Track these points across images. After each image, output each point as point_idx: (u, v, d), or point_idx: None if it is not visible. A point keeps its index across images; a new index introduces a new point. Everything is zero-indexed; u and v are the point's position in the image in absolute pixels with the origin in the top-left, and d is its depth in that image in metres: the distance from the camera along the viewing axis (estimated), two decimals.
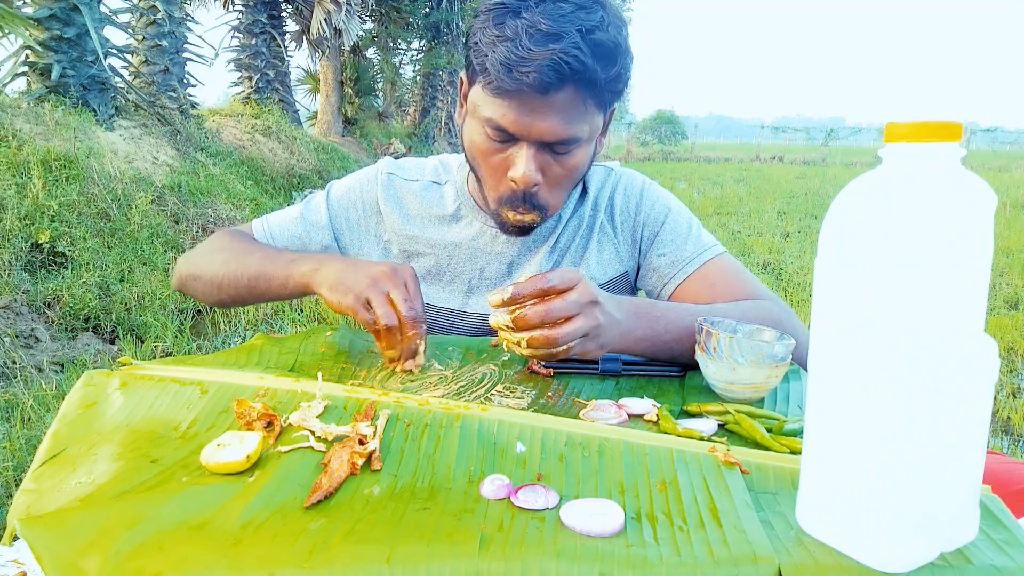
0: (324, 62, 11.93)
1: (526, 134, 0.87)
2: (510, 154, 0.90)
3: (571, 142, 0.89)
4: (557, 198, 0.95)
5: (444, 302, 1.07)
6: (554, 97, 0.84)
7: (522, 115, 0.86)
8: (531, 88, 0.82)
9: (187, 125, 6.84)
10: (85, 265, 3.86)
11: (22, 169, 4.25)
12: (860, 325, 0.45)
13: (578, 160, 0.92)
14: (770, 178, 15.35)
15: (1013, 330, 4.00)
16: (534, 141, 0.88)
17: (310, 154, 8.66)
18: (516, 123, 0.86)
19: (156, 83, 7.28)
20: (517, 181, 0.90)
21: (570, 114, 0.86)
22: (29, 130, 4.71)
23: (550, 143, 0.88)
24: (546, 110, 0.85)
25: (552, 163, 0.91)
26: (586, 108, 0.87)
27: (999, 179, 14.52)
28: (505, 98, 0.85)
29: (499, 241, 1.04)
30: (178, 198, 5.31)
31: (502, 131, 0.88)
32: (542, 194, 0.92)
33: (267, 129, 8.54)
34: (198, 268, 1.02)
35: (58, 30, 5.47)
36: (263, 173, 7.53)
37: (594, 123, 0.91)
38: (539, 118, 0.86)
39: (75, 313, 3.47)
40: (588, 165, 0.96)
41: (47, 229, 3.88)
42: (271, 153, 8.14)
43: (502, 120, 0.87)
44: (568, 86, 0.84)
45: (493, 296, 0.75)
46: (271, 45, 10.49)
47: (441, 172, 1.10)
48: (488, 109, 0.88)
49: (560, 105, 0.85)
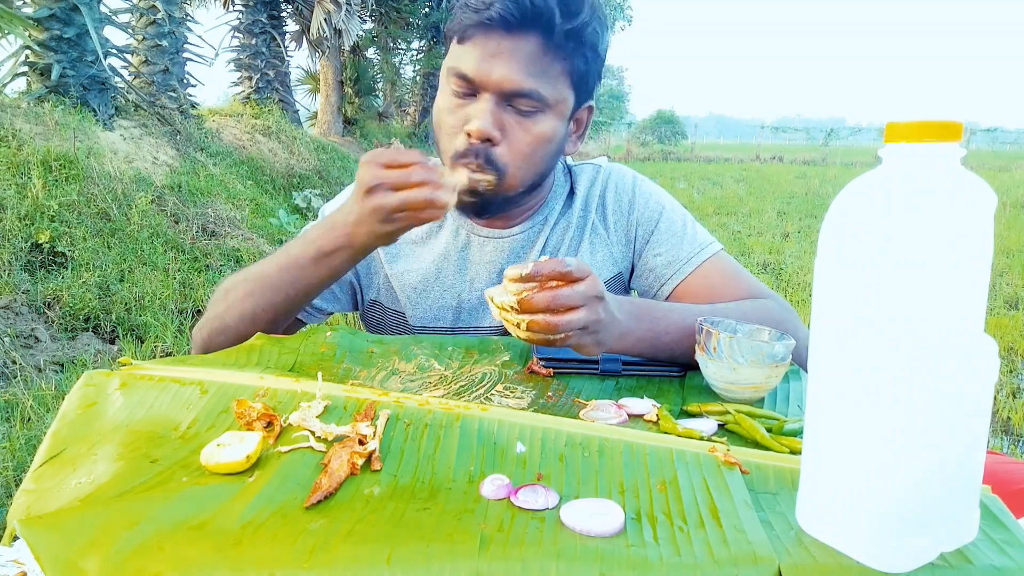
0: (324, 62, 11.93)
1: (486, 79, 0.87)
2: (469, 111, 0.90)
3: (532, 96, 0.88)
4: (516, 165, 0.91)
5: (434, 321, 1.05)
6: (516, 41, 0.86)
7: (483, 60, 0.87)
8: (492, 23, 0.85)
9: (187, 125, 6.84)
10: (85, 265, 3.85)
11: (22, 169, 4.25)
12: (860, 325, 0.45)
13: (541, 129, 0.91)
14: (770, 178, 15.35)
15: (1013, 330, 4.00)
16: (493, 91, 0.88)
17: (310, 154, 8.66)
18: (477, 68, 0.87)
19: (156, 83, 7.28)
20: (472, 133, 0.88)
21: (531, 66, 0.87)
22: (29, 130, 4.71)
23: (509, 94, 0.88)
24: (507, 55, 0.87)
25: (514, 125, 0.90)
26: (548, 64, 0.88)
27: (999, 179, 14.51)
28: (469, 43, 0.88)
29: (487, 249, 1.03)
30: (178, 198, 5.31)
31: (464, 79, 0.89)
32: (499, 155, 0.90)
33: (267, 129, 8.54)
34: (220, 322, 0.92)
35: (58, 30, 5.47)
36: (263, 173, 7.52)
37: (560, 91, 0.91)
38: (499, 63, 0.87)
39: (75, 313, 3.47)
40: (556, 146, 0.95)
41: (47, 229, 3.88)
42: (271, 153, 8.14)
43: (465, 66, 0.88)
44: (530, 32, 0.86)
45: (511, 270, 0.73)
46: (271, 45, 10.49)
47: None
48: (454, 59, 0.90)
49: (521, 52, 0.87)
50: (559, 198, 1.06)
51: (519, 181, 0.93)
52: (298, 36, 11.24)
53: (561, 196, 1.06)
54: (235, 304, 0.90)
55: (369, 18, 13.42)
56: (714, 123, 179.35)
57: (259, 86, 10.29)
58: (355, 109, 13.23)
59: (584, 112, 0.99)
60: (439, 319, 1.05)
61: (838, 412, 0.47)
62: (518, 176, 0.93)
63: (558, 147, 0.96)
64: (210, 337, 0.93)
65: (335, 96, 12.06)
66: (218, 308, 0.93)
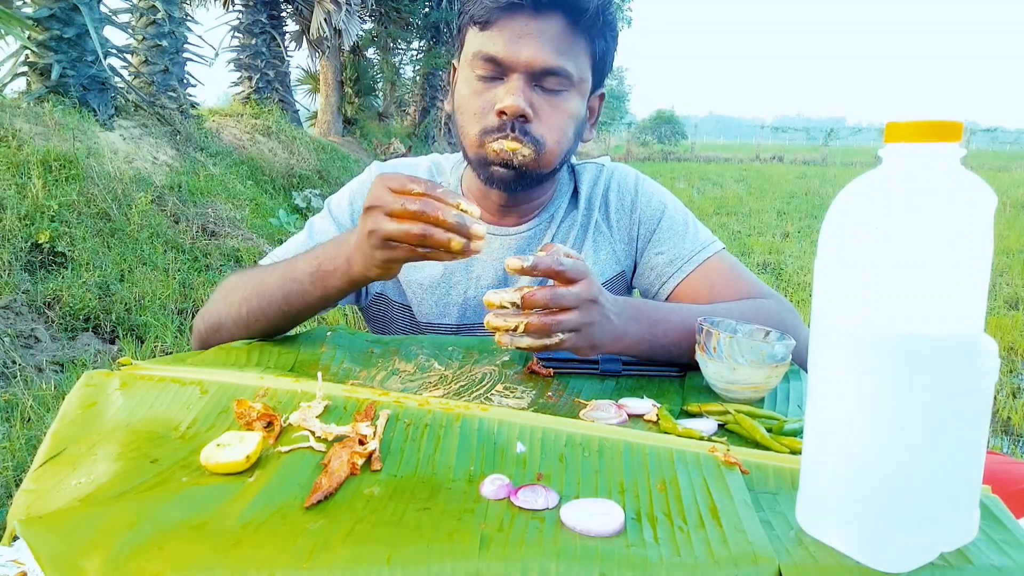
0: (324, 62, 11.93)
1: (515, 61, 0.88)
2: (497, 93, 0.90)
3: (561, 74, 0.89)
4: (552, 139, 0.91)
5: (440, 317, 1.05)
6: (543, 22, 0.87)
7: (511, 41, 0.88)
8: (521, 5, 0.86)
9: (187, 125, 6.84)
10: (85, 265, 3.85)
11: (22, 169, 4.25)
12: (860, 325, 0.45)
13: (569, 107, 0.92)
14: (770, 178, 15.35)
15: (1013, 330, 4.00)
16: (523, 71, 0.89)
17: (310, 154, 8.66)
18: (506, 49, 0.88)
19: (156, 83, 7.27)
20: (506, 110, 0.88)
21: (559, 44, 0.88)
22: (29, 130, 4.71)
23: (539, 73, 0.89)
24: (535, 36, 0.87)
25: (543, 103, 0.90)
26: (574, 43, 0.89)
27: (999, 179, 14.51)
28: (495, 27, 0.88)
29: (493, 246, 1.03)
30: (178, 198, 5.31)
31: (492, 62, 0.89)
32: (535, 129, 0.90)
33: (267, 129, 8.53)
34: (217, 318, 0.91)
35: (58, 30, 5.46)
36: (263, 173, 7.52)
37: (583, 70, 0.92)
38: (527, 43, 0.87)
39: (75, 313, 3.46)
40: (579, 126, 0.96)
41: (47, 229, 3.88)
42: (271, 153, 8.14)
43: (492, 49, 0.89)
44: (555, 13, 0.87)
45: (513, 261, 0.72)
46: (271, 45, 10.48)
47: (434, 172, 1.09)
48: (478, 44, 0.90)
49: (549, 32, 0.88)
50: (564, 196, 1.06)
51: (555, 156, 0.94)
52: (298, 36, 11.24)
53: (566, 194, 1.07)
54: (233, 307, 0.89)
55: (369, 18, 13.41)
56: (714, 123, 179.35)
57: (259, 86, 10.29)
58: (355, 109, 13.23)
59: (596, 100, 1.01)
60: (445, 315, 1.05)
61: (838, 412, 0.47)
62: (554, 151, 0.93)
63: (580, 128, 0.97)
64: (207, 332, 0.92)
65: (335, 96, 12.06)
66: (218, 306, 0.91)
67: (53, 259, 3.85)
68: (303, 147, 8.66)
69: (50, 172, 4.39)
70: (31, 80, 5.61)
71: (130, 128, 6.10)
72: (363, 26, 12.28)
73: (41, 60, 5.51)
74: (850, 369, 0.45)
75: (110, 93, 6.03)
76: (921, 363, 0.43)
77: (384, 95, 14.96)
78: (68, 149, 4.66)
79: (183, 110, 7.15)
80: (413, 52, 15.72)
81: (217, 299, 0.93)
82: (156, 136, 6.29)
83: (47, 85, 5.51)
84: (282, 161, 8.09)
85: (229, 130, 8.04)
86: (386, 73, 14.71)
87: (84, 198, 4.42)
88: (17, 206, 3.91)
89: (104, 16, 6.02)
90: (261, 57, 10.33)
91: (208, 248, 4.85)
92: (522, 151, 0.90)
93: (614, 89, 36.71)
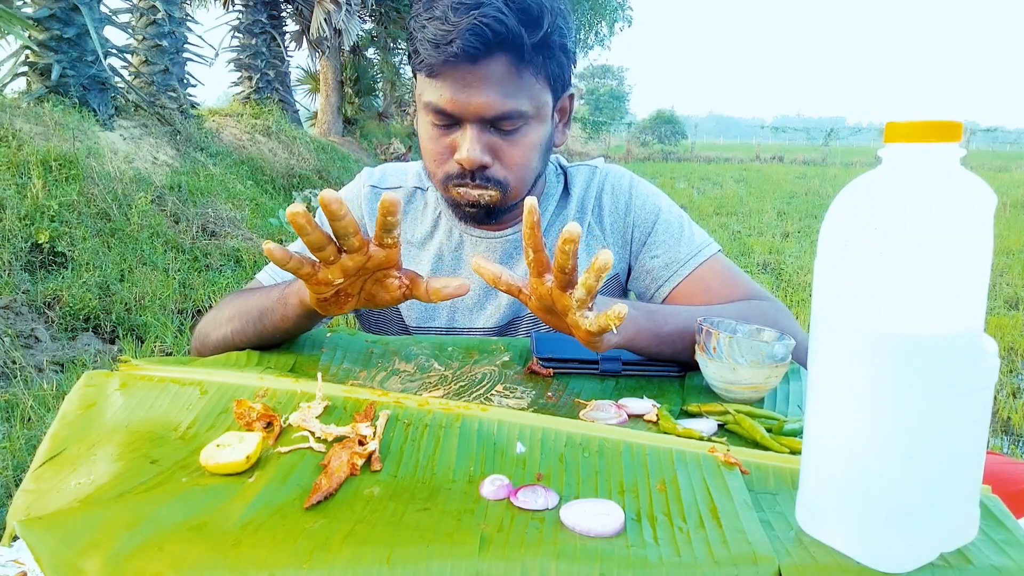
0: (324, 62, 11.93)
1: (464, 111, 0.87)
2: (454, 139, 0.90)
3: (514, 116, 0.88)
4: (515, 177, 0.92)
5: (428, 320, 1.05)
6: (486, 68, 0.85)
7: (457, 92, 0.86)
8: (458, 59, 0.83)
9: (187, 125, 6.84)
10: (85, 265, 3.85)
11: (22, 169, 4.25)
12: (860, 325, 0.45)
13: (530, 140, 0.91)
14: (770, 178, 15.35)
15: (1013, 330, 4.00)
16: (474, 120, 0.87)
17: (310, 154, 8.66)
18: (452, 101, 0.86)
19: (156, 83, 7.28)
20: (463, 163, 0.88)
21: (506, 87, 0.86)
22: (29, 130, 4.71)
23: (491, 119, 0.88)
24: (480, 84, 0.85)
25: (501, 144, 0.90)
26: (522, 80, 0.87)
27: (999, 179, 14.52)
28: (439, 78, 0.86)
29: (480, 249, 1.03)
30: (178, 198, 5.31)
31: (442, 113, 0.88)
32: (496, 171, 0.91)
33: (267, 129, 8.54)
34: (205, 335, 0.93)
35: (58, 30, 5.47)
36: (263, 173, 7.53)
37: (539, 98, 0.90)
38: (474, 93, 0.85)
39: (75, 313, 3.47)
40: (546, 145, 0.95)
41: (47, 229, 3.88)
42: (271, 153, 8.14)
43: (439, 101, 0.87)
44: (497, 55, 0.84)
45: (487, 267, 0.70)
46: (271, 45, 10.49)
47: (424, 177, 1.08)
48: (427, 93, 0.88)
49: (494, 77, 0.85)
50: (552, 199, 1.05)
51: (522, 189, 0.95)
52: (298, 36, 11.24)
53: (554, 197, 1.05)
54: (221, 325, 0.90)
55: (369, 18, 13.41)
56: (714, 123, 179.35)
57: (259, 86, 10.29)
58: (355, 109, 13.23)
59: (566, 100, 0.99)
60: (433, 319, 1.05)
61: (838, 412, 0.47)
62: (520, 186, 0.94)
63: (548, 147, 0.96)
64: (201, 344, 0.94)
65: (335, 96, 12.06)
66: (208, 325, 0.93)
67: (53, 259, 3.85)
68: (303, 147, 8.66)
69: (50, 172, 4.39)
70: (31, 80, 5.62)
71: (130, 128, 6.10)
72: (363, 26, 12.29)
73: (41, 60, 5.52)
74: (850, 369, 0.45)
75: (110, 93, 6.03)
76: (921, 363, 0.43)
77: (384, 95, 14.96)
78: (68, 149, 4.66)
79: (183, 110, 7.15)
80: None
81: (209, 319, 0.94)
82: (156, 136, 6.30)
83: (47, 85, 5.51)
84: (282, 161, 8.10)
85: (229, 130, 8.04)
86: (386, 73, 14.71)
87: (84, 198, 4.42)
88: (17, 206, 3.91)
89: (104, 16, 6.02)
90: (261, 57, 10.33)
91: (208, 248, 4.85)
92: (487, 194, 0.91)
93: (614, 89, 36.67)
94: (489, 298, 1.03)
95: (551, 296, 0.67)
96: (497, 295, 1.03)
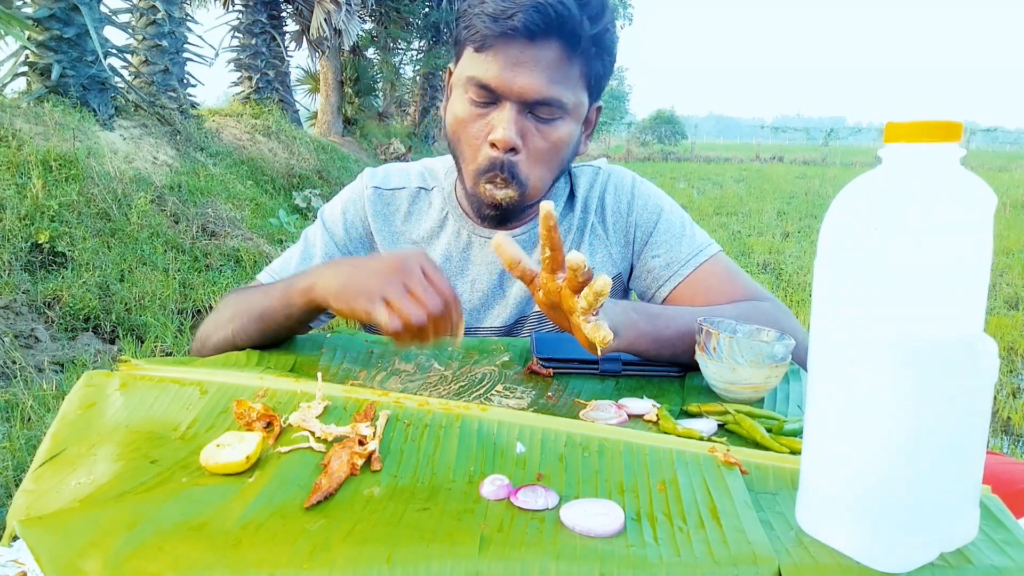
0: (324, 62, 11.93)
1: (508, 89, 0.87)
2: (491, 120, 0.90)
3: (554, 104, 0.88)
4: (537, 175, 0.93)
5: None
6: (539, 50, 0.85)
7: (506, 68, 0.86)
8: (516, 33, 0.83)
9: (187, 125, 6.84)
10: (85, 265, 3.85)
11: (22, 169, 4.25)
12: (860, 325, 0.45)
13: (561, 135, 0.91)
14: (770, 178, 15.35)
15: (1013, 330, 4.00)
16: (516, 100, 0.87)
17: (310, 154, 8.66)
18: (499, 77, 0.86)
19: (156, 83, 7.27)
20: (497, 143, 0.88)
21: (554, 73, 0.87)
22: (29, 130, 4.71)
23: (532, 103, 0.88)
24: (530, 64, 0.86)
25: (534, 132, 0.90)
26: (570, 70, 0.88)
27: (999, 179, 14.52)
28: (490, 52, 0.86)
29: (488, 250, 1.03)
30: (178, 198, 5.31)
31: (485, 89, 0.88)
32: (521, 166, 0.91)
33: (267, 129, 8.53)
34: (206, 334, 0.93)
35: (58, 30, 5.46)
36: (263, 173, 7.52)
37: (579, 95, 0.91)
38: (522, 72, 0.86)
39: (75, 313, 3.46)
40: (572, 149, 0.95)
41: (47, 229, 3.88)
42: (271, 153, 8.14)
43: (486, 75, 0.87)
44: (553, 39, 0.85)
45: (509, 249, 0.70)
46: (271, 45, 10.49)
47: (428, 178, 1.08)
48: (472, 68, 0.88)
49: (545, 60, 0.86)
50: (560, 199, 1.06)
51: (539, 191, 0.95)
52: (298, 36, 11.24)
53: (561, 198, 1.06)
54: (222, 326, 0.90)
55: (369, 18, 13.42)
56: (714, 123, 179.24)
57: (259, 86, 10.29)
58: (355, 109, 13.23)
59: (593, 112, 1.00)
60: None
61: (838, 412, 0.47)
62: (539, 186, 0.94)
63: (573, 150, 0.97)
64: (201, 344, 0.94)
65: (335, 96, 12.06)
66: (209, 327, 0.93)
67: (53, 259, 3.85)
68: (303, 147, 8.66)
69: (50, 172, 4.39)
70: (31, 80, 5.61)
71: (130, 128, 6.10)
72: (363, 26, 12.29)
73: (41, 60, 5.51)
74: (850, 369, 0.45)
75: (110, 93, 6.03)
76: (921, 363, 0.43)
77: (384, 95, 14.96)
78: (68, 149, 4.66)
79: (183, 110, 7.15)
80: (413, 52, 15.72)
81: (210, 319, 0.94)
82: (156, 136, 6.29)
83: (47, 85, 5.51)
84: (282, 161, 8.09)
85: (229, 130, 8.04)
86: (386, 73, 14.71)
87: (84, 198, 4.42)
88: (17, 206, 3.91)
89: (104, 16, 6.02)
90: (261, 57, 10.33)
91: (208, 248, 4.85)
92: (508, 193, 0.92)
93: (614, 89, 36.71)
94: (496, 298, 1.04)
95: (560, 294, 0.68)
96: (504, 295, 1.03)
